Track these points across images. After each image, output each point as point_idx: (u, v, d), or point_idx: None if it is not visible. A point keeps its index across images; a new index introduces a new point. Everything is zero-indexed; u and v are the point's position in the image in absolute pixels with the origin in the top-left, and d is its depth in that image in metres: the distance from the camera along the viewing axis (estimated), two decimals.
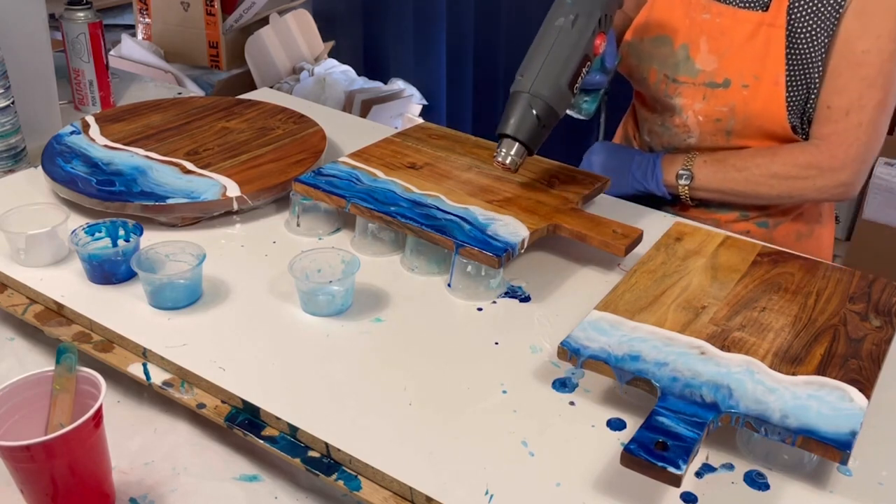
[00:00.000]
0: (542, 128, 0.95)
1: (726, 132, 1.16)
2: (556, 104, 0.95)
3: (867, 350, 0.76)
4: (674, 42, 1.16)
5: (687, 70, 1.15)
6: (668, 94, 1.18)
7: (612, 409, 0.75)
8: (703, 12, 1.14)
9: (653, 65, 1.19)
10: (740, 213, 1.21)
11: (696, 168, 1.15)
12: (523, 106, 0.95)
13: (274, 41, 2.73)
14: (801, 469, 0.70)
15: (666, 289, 0.84)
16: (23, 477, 0.64)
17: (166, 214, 1.01)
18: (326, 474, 0.69)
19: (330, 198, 0.98)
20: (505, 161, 0.96)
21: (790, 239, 1.22)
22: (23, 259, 0.93)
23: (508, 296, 0.91)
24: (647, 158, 1.20)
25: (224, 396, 0.76)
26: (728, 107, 1.13)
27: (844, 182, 1.10)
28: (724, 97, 1.13)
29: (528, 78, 0.95)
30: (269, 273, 0.94)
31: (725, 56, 1.12)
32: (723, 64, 1.12)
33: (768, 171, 1.12)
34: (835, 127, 1.08)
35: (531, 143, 0.96)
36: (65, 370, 0.68)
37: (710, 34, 1.13)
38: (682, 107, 1.17)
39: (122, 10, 2.93)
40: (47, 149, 1.13)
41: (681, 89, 1.17)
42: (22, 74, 1.23)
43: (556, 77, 0.95)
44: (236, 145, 1.16)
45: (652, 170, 1.18)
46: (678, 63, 1.16)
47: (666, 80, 1.18)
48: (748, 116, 1.12)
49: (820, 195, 1.13)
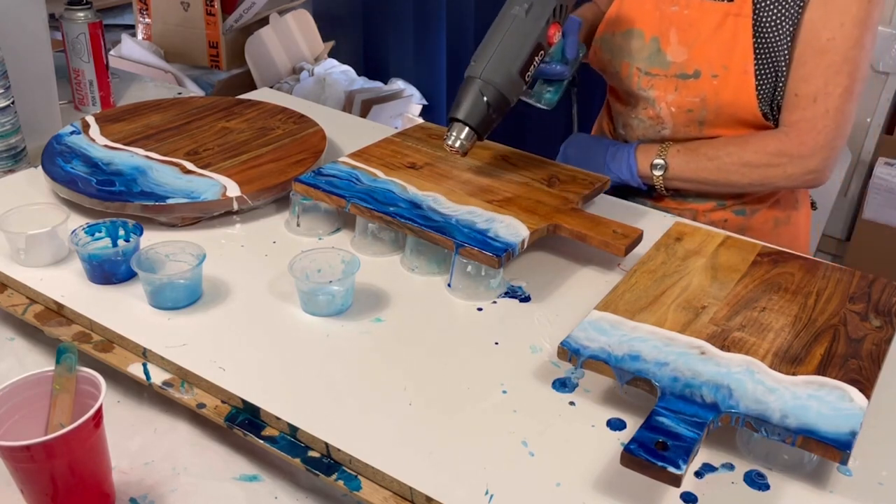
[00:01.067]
0: (492, 113, 0.98)
1: (699, 122, 1.17)
2: (506, 91, 0.97)
3: (867, 350, 0.76)
4: (645, 35, 1.18)
5: (658, 62, 1.17)
6: (642, 87, 1.19)
7: (612, 409, 0.75)
8: (672, 5, 1.16)
9: (624, 58, 1.20)
10: (717, 202, 1.22)
11: (669, 158, 1.17)
12: (474, 92, 0.97)
13: (274, 41, 2.73)
14: (801, 469, 0.70)
15: (666, 289, 0.84)
16: (23, 477, 0.64)
17: (166, 214, 1.01)
18: (326, 474, 0.69)
19: (330, 198, 0.98)
20: (454, 145, 0.98)
21: (768, 226, 1.23)
22: (23, 259, 0.93)
23: (508, 296, 0.91)
24: (621, 149, 1.21)
25: (224, 396, 0.76)
26: (699, 97, 1.14)
27: (814, 169, 1.12)
28: (695, 88, 1.14)
29: (480, 64, 0.97)
30: (269, 273, 0.94)
31: (694, 47, 1.13)
32: (692, 55, 1.14)
33: (740, 159, 1.13)
34: (802, 114, 1.10)
35: (480, 128, 0.98)
36: (65, 370, 0.68)
37: (680, 26, 1.15)
38: (655, 99, 1.19)
39: (122, 10, 2.92)
40: (47, 149, 1.13)
41: (653, 82, 1.18)
42: (22, 74, 1.23)
43: (508, 64, 0.97)
44: (236, 145, 1.16)
45: (626, 160, 1.20)
46: (650, 56, 1.17)
47: (638, 73, 1.19)
48: (719, 106, 1.14)
49: (791, 182, 1.14)
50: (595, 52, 1.25)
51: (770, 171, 1.13)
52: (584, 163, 1.21)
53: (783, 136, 1.12)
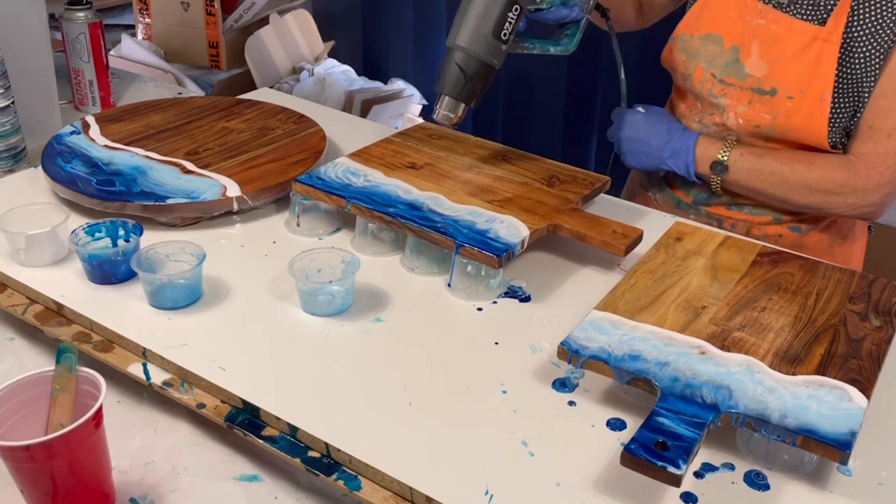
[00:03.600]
0: (470, 79, 0.96)
1: (764, 138, 1.15)
2: (481, 55, 0.95)
3: (867, 350, 0.76)
4: (724, 42, 1.15)
5: (735, 72, 1.14)
6: (713, 94, 1.17)
7: (612, 409, 0.75)
8: (759, 17, 1.12)
9: (700, 62, 1.17)
10: (774, 216, 1.20)
11: (731, 161, 1.14)
12: (450, 61, 0.96)
13: (274, 41, 2.73)
14: (801, 469, 0.70)
15: (666, 289, 0.84)
16: (23, 477, 0.64)
17: (166, 214, 1.01)
18: (326, 474, 0.69)
19: (330, 198, 0.98)
20: (436, 117, 0.98)
21: (822, 246, 1.21)
22: (23, 259, 0.93)
23: (508, 296, 0.91)
24: (680, 140, 1.17)
25: (224, 396, 0.76)
26: (771, 115, 1.12)
27: (873, 203, 1.11)
28: (769, 105, 1.12)
29: (454, 33, 0.96)
30: (269, 273, 0.94)
31: (776, 64, 1.11)
32: (772, 72, 1.11)
33: (803, 179, 1.11)
34: (874, 147, 1.08)
35: (463, 96, 0.96)
36: (65, 370, 0.68)
37: (764, 40, 1.12)
38: (725, 107, 1.16)
39: (122, 10, 2.92)
40: (47, 149, 1.13)
41: (727, 90, 1.15)
42: (22, 74, 1.23)
43: (478, 27, 0.95)
44: (236, 145, 1.16)
45: (685, 155, 1.16)
46: (727, 64, 1.15)
47: (712, 80, 1.16)
48: (789, 128, 1.11)
49: (847, 212, 1.13)
50: (670, 51, 1.22)
51: (830, 198, 1.11)
52: (637, 149, 1.18)
53: (850, 166, 1.10)
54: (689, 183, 1.22)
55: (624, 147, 1.20)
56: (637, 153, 1.19)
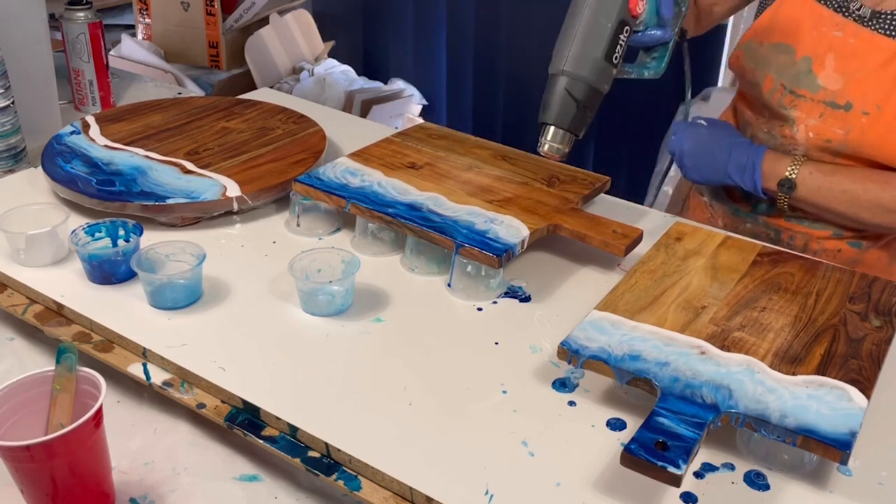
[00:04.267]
0: (582, 108, 0.88)
1: (833, 153, 1.11)
2: (594, 81, 0.88)
3: (867, 350, 0.76)
4: (796, 52, 1.11)
5: (808, 84, 1.10)
6: (783, 105, 1.13)
7: (612, 409, 0.75)
8: (836, 30, 1.09)
9: (769, 72, 1.14)
10: (834, 230, 1.16)
11: (799, 179, 1.09)
12: (560, 90, 0.88)
13: (274, 41, 2.73)
14: (801, 469, 0.70)
15: (666, 289, 0.84)
16: (23, 477, 0.64)
17: (166, 214, 1.01)
18: (326, 474, 0.69)
19: (330, 198, 0.98)
20: (547, 150, 0.89)
21: (882, 262, 1.17)
22: (23, 259, 0.93)
23: (508, 296, 0.91)
24: (746, 156, 1.12)
25: (224, 396, 0.76)
26: (844, 130, 1.08)
27: None
28: (843, 120, 1.08)
29: (560, 58, 0.88)
30: (269, 273, 0.94)
31: (853, 79, 1.07)
32: (848, 86, 1.07)
33: (876, 199, 1.07)
34: None
35: (574, 127, 0.89)
36: (65, 370, 0.68)
37: (840, 53, 1.09)
38: (795, 119, 1.12)
39: (122, 10, 2.93)
40: (47, 149, 1.13)
41: (798, 102, 1.11)
42: (22, 74, 1.23)
43: (591, 52, 0.87)
44: (236, 145, 1.16)
45: (751, 172, 1.12)
46: (798, 75, 1.11)
47: (782, 90, 1.13)
48: (861, 145, 1.08)
49: None
50: (738, 58, 1.19)
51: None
52: (701, 163, 1.15)
53: None
54: (749, 196, 1.18)
55: (687, 161, 1.16)
56: (701, 167, 1.15)
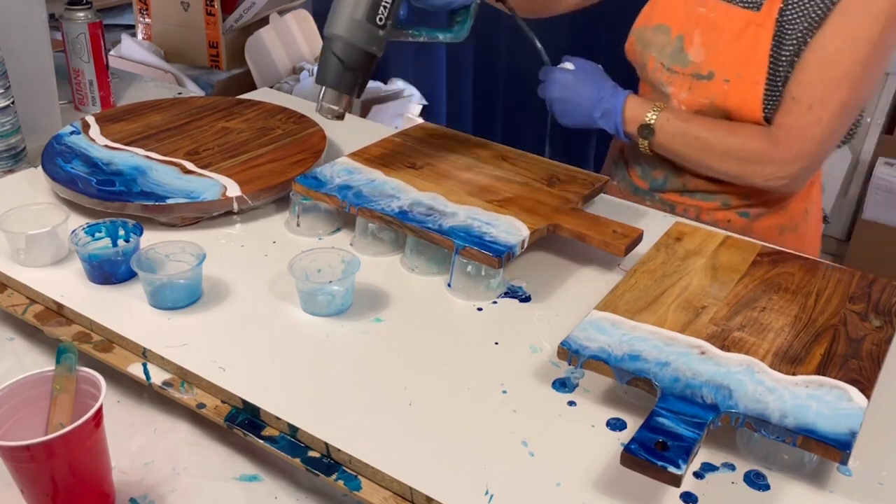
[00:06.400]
0: (350, 69, 0.93)
1: None
2: (357, 41, 0.92)
3: (867, 350, 0.76)
4: (671, 32, 1.19)
5: (680, 60, 1.18)
6: (662, 82, 1.21)
7: (612, 409, 0.75)
8: (700, 6, 1.17)
9: (652, 52, 1.22)
10: (722, 201, 1.22)
11: (658, 125, 1.15)
12: (326, 51, 0.93)
13: (274, 41, 2.73)
14: (801, 469, 0.70)
15: (666, 289, 0.84)
16: (23, 477, 0.64)
17: (166, 214, 1.01)
18: (326, 474, 0.69)
19: (330, 198, 0.98)
20: (319, 111, 0.95)
21: (773, 232, 1.22)
22: (23, 259, 0.93)
23: (508, 296, 0.91)
24: (609, 100, 1.18)
25: (224, 396, 0.76)
26: (708, 99, 1.15)
27: (790, 175, 1.11)
28: (707, 89, 1.15)
29: (330, 22, 0.94)
30: (269, 273, 0.94)
31: (714, 50, 1.14)
32: (710, 57, 1.14)
33: (725, 145, 1.12)
34: (795, 119, 1.08)
35: (342, 86, 0.94)
36: (65, 370, 0.68)
37: (704, 28, 1.16)
38: (670, 95, 1.20)
39: (122, 10, 2.92)
40: (47, 149, 1.13)
41: (672, 78, 1.19)
42: (22, 74, 1.23)
43: (350, 14, 0.92)
44: (236, 145, 1.16)
45: (613, 116, 1.18)
46: (673, 53, 1.19)
47: (661, 69, 1.20)
48: (725, 111, 1.14)
49: (764, 183, 1.13)
50: (631, 44, 1.26)
51: (748, 167, 1.12)
52: (569, 108, 1.19)
53: (771, 136, 1.11)
54: (647, 170, 1.26)
55: (556, 108, 1.21)
56: (570, 113, 1.20)
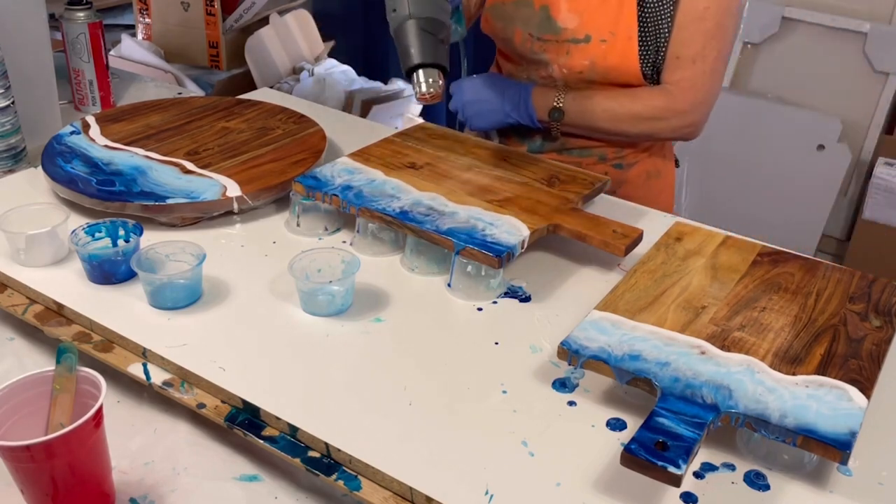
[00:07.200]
0: (440, 42, 0.96)
1: (588, 82, 1.26)
2: (439, 15, 0.96)
3: (867, 350, 0.76)
4: (534, 4, 1.25)
5: (550, 29, 1.24)
6: (535, 52, 1.27)
7: (612, 409, 0.75)
8: None
9: (517, 26, 1.27)
10: (598, 156, 1.31)
11: (566, 106, 1.24)
12: (415, 31, 0.94)
13: (274, 41, 2.73)
14: (801, 469, 0.70)
15: (666, 289, 0.84)
16: (23, 477, 0.64)
17: (166, 214, 1.01)
18: (326, 474, 0.69)
19: (330, 198, 0.98)
20: (428, 91, 0.95)
21: (641, 179, 1.34)
22: (23, 259, 0.93)
23: (508, 296, 0.91)
24: (517, 92, 1.26)
25: (224, 396, 0.76)
26: (589, 60, 1.23)
27: (691, 123, 1.23)
28: (585, 52, 1.23)
29: (401, 6, 0.95)
30: (269, 273, 0.94)
31: (584, 14, 1.22)
32: (583, 21, 1.22)
33: (631, 111, 1.22)
34: (683, 74, 1.20)
35: (441, 60, 0.96)
36: (65, 370, 0.68)
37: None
38: (549, 61, 1.26)
39: (122, 10, 2.92)
40: (47, 149, 1.13)
41: (546, 46, 1.25)
42: (22, 74, 1.23)
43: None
44: (236, 145, 1.16)
45: (525, 107, 1.26)
46: (540, 23, 1.25)
47: (531, 39, 1.26)
48: (606, 69, 1.23)
49: (672, 134, 1.26)
50: (486, 21, 1.32)
51: (656, 124, 1.23)
52: (481, 109, 1.27)
53: (667, 93, 1.22)
54: (523, 136, 1.33)
55: (469, 111, 1.29)
56: (483, 113, 1.28)
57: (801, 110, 2.56)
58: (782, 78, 2.64)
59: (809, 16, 2.53)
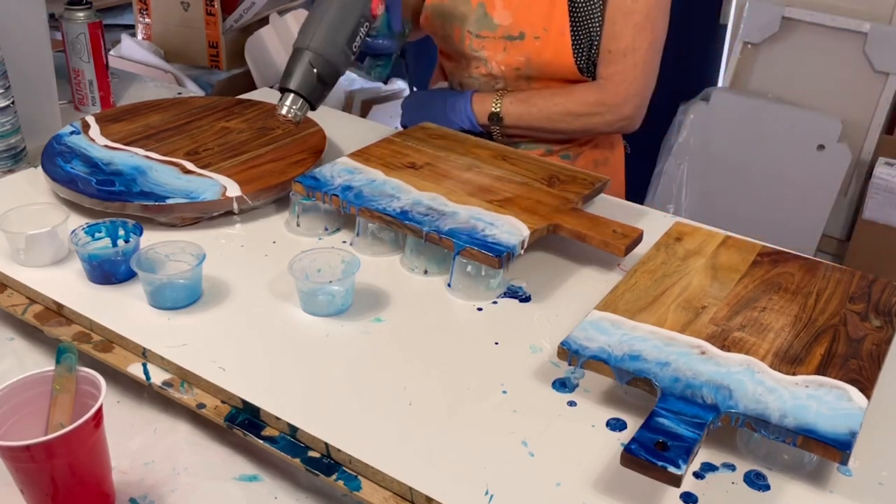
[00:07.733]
0: (321, 84, 1.01)
1: (526, 78, 1.29)
2: (334, 60, 1.01)
3: (867, 350, 0.76)
4: (471, 1, 1.28)
5: (487, 26, 1.27)
6: (473, 49, 1.30)
7: (612, 409, 0.75)
8: None
9: (455, 23, 1.30)
10: (546, 148, 1.34)
11: (504, 111, 1.28)
12: (304, 62, 1.00)
13: (274, 41, 2.73)
14: (801, 469, 0.70)
15: (666, 289, 0.84)
16: (23, 477, 0.64)
17: (166, 214, 1.01)
18: (326, 474, 0.69)
19: (330, 198, 0.98)
20: (287, 114, 1.00)
21: (589, 167, 1.36)
22: (23, 259, 0.93)
23: (508, 296, 0.91)
24: (458, 100, 1.31)
25: (224, 396, 0.76)
26: (525, 57, 1.26)
27: (627, 115, 1.27)
28: (521, 48, 1.26)
29: (307, 36, 1.00)
30: (269, 273, 0.94)
31: (518, 11, 1.25)
32: (517, 19, 1.25)
33: (565, 109, 1.26)
34: (616, 68, 1.24)
35: (312, 97, 1.01)
36: (65, 370, 0.68)
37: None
38: (486, 58, 1.29)
39: (122, 10, 2.92)
40: (47, 149, 1.13)
41: (483, 43, 1.28)
42: (22, 74, 1.23)
43: (334, 35, 1.00)
44: (236, 145, 1.16)
45: (465, 112, 1.30)
46: (478, 20, 1.28)
47: (469, 36, 1.29)
48: (542, 64, 1.26)
49: (609, 128, 1.30)
50: (426, 19, 1.35)
51: (591, 119, 1.26)
52: (424, 116, 1.28)
53: (600, 88, 1.25)
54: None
55: (417, 121, 1.29)
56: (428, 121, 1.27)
57: (801, 110, 2.55)
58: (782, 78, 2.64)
59: (809, 16, 2.53)
